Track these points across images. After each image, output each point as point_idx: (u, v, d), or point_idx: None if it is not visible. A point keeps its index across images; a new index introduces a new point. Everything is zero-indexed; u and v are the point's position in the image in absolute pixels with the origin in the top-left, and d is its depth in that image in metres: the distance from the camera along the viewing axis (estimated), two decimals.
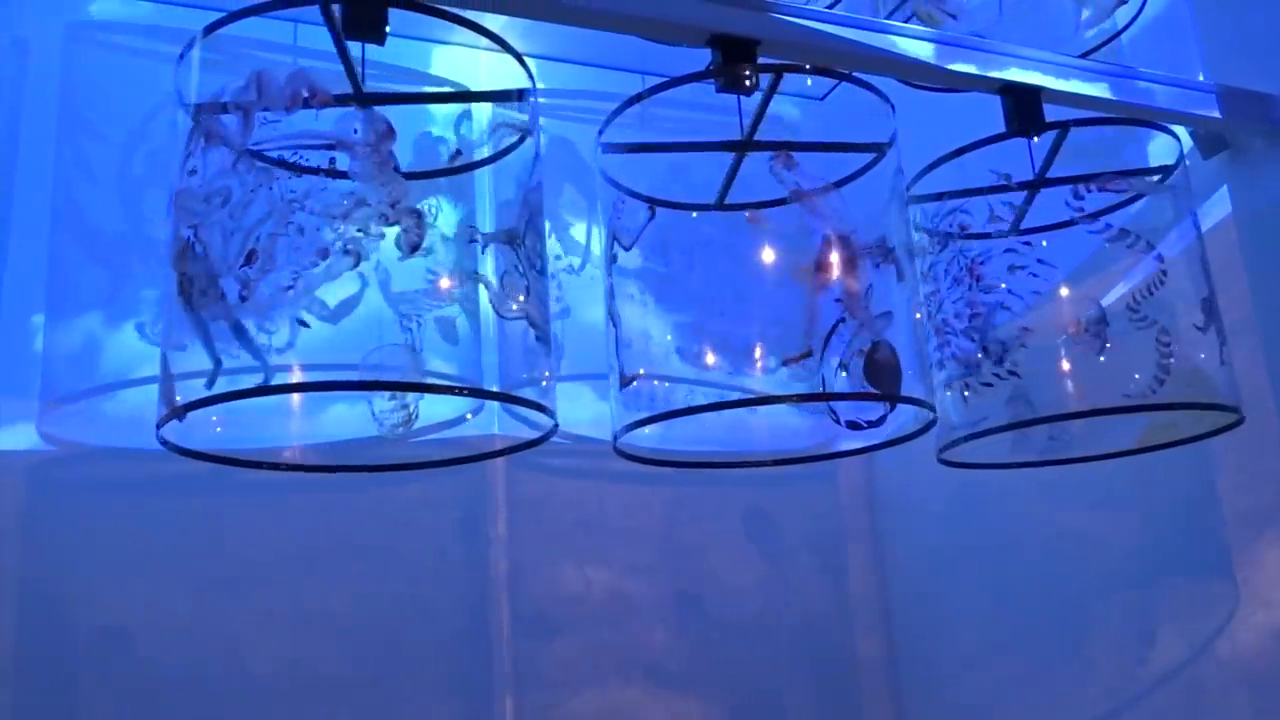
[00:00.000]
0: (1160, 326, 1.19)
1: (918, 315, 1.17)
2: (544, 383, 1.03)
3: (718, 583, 1.89)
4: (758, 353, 1.14)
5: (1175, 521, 1.49)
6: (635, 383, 1.14)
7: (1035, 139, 1.29)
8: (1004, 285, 1.22)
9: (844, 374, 1.09)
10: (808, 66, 1.13)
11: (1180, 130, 1.31)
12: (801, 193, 1.09)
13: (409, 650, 1.66)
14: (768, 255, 1.14)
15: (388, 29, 0.94)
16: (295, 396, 1.07)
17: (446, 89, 1.11)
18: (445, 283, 0.95)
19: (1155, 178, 1.26)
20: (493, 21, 1.04)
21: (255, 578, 1.59)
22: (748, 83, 1.06)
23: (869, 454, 1.96)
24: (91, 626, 1.50)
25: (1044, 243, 1.22)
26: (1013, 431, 1.23)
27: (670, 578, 1.86)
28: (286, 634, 1.60)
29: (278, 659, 1.58)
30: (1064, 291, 1.22)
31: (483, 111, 1.06)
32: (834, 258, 1.08)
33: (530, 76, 1.05)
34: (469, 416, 1.16)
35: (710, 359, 1.12)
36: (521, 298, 0.98)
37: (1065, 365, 1.20)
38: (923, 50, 1.20)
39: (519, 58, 1.02)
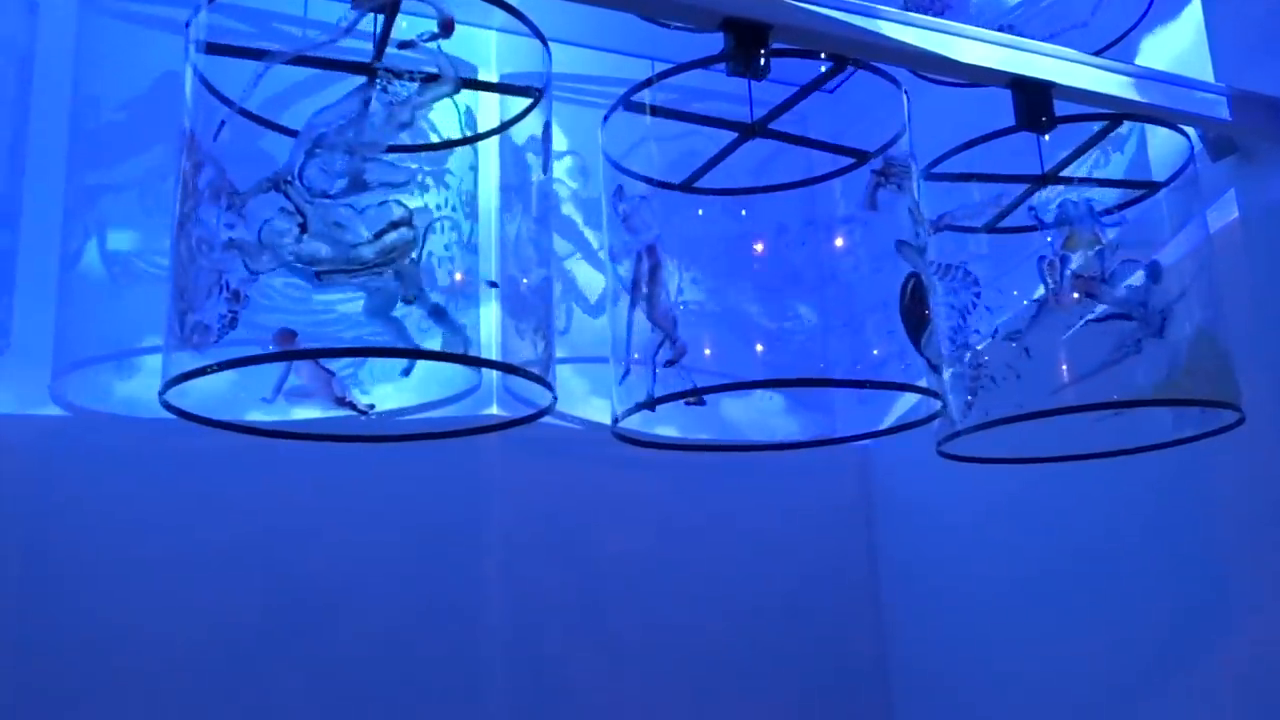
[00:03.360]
0: (973, 351, 1.22)
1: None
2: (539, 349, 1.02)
3: (714, 576, 1.89)
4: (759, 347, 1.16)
5: (1173, 525, 1.49)
6: (631, 370, 1.14)
7: (1046, 136, 1.30)
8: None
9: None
10: (822, 55, 1.13)
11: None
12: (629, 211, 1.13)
13: (403, 631, 1.66)
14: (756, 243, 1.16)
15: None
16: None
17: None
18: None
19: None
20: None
21: (253, 554, 1.59)
22: (761, 63, 1.06)
23: (869, 449, 2.01)
24: (95, 595, 1.50)
25: None
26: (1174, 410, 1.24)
27: (666, 571, 1.86)
28: (280, 611, 1.60)
29: (269, 636, 1.58)
30: None
31: None
32: (646, 268, 1.11)
33: (547, 52, 1.04)
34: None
35: (706, 351, 1.13)
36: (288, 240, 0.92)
37: None
38: (934, 41, 1.20)
39: (536, 30, 1.02)
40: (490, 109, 1.09)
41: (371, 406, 1.06)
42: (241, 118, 0.98)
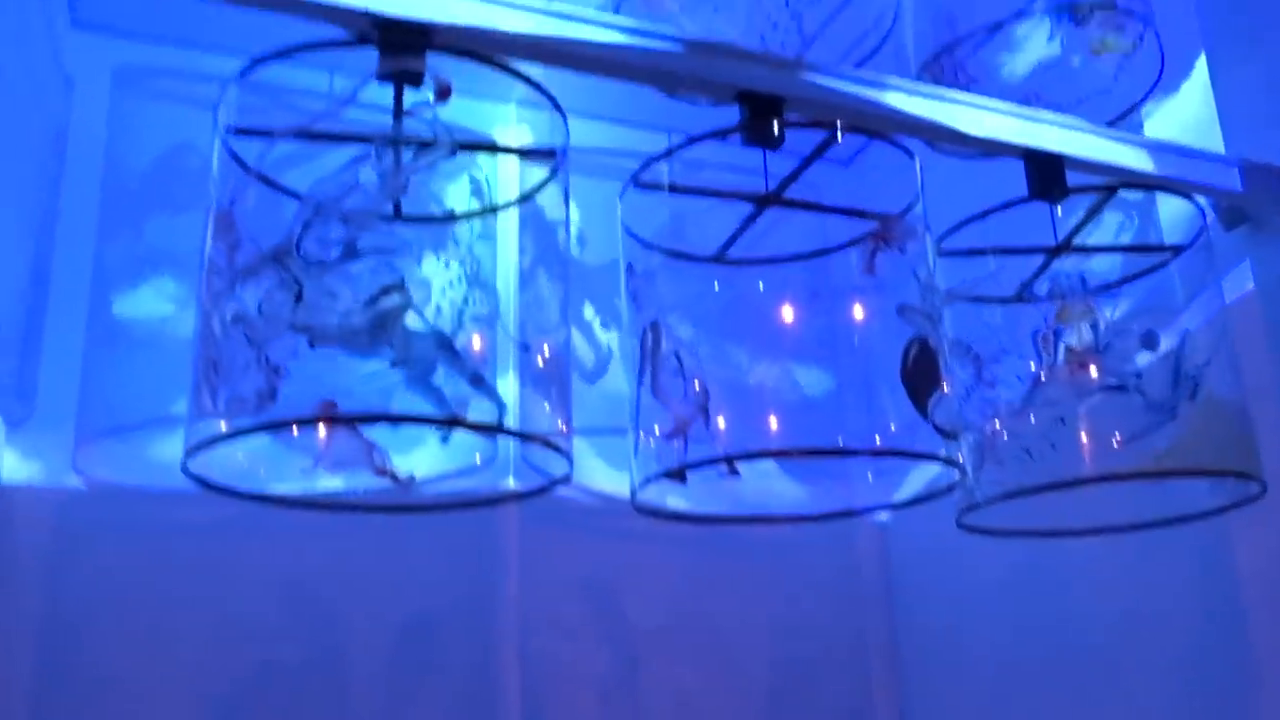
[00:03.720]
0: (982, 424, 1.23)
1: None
2: (562, 427, 1.02)
3: (732, 648, 1.87)
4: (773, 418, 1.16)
5: (1203, 599, 1.46)
6: (653, 440, 1.15)
7: (1059, 210, 1.31)
8: None
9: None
10: (838, 123, 1.15)
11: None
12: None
13: (419, 704, 1.64)
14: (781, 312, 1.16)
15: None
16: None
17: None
18: None
19: None
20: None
21: (265, 627, 1.59)
22: (775, 132, 1.08)
23: (887, 520, 2.00)
24: (108, 668, 1.49)
25: None
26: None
27: (682, 640, 1.84)
28: (294, 685, 1.59)
29: (284, 707, 1.57)
30: None
31: None
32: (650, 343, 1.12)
33: (564, 122, 1.07)
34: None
35: (722, 423, 1.13)
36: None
37: None
38: (945, 112, 1.21)
39: (554, 103, 1.04)
40: (511, 178, 1.11)
41: (411, 478, 1.05)
42: (268, 189, 1.00)
